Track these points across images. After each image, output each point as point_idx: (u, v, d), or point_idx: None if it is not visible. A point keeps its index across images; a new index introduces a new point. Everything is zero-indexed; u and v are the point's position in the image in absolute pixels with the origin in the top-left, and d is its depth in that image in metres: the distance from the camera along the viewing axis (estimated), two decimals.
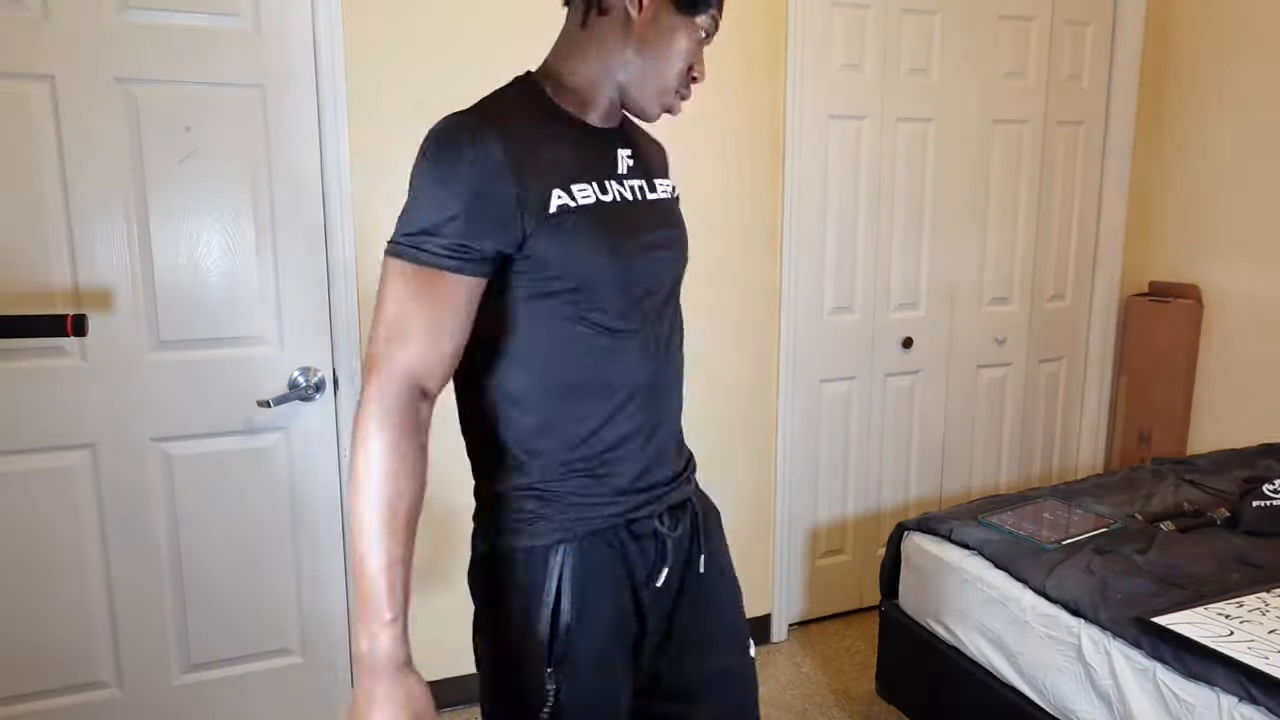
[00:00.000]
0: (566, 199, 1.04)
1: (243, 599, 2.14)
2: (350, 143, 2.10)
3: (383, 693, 0.97)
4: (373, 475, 0.97)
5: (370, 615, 0.99)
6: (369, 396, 0.98)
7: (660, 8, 1.09)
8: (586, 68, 1.12)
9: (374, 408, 0.98)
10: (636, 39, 1.09)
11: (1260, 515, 2.04)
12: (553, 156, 1.06)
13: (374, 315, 1.02)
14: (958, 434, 3.07)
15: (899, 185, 2.81)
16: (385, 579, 0.99)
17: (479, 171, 1.01)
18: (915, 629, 2.12)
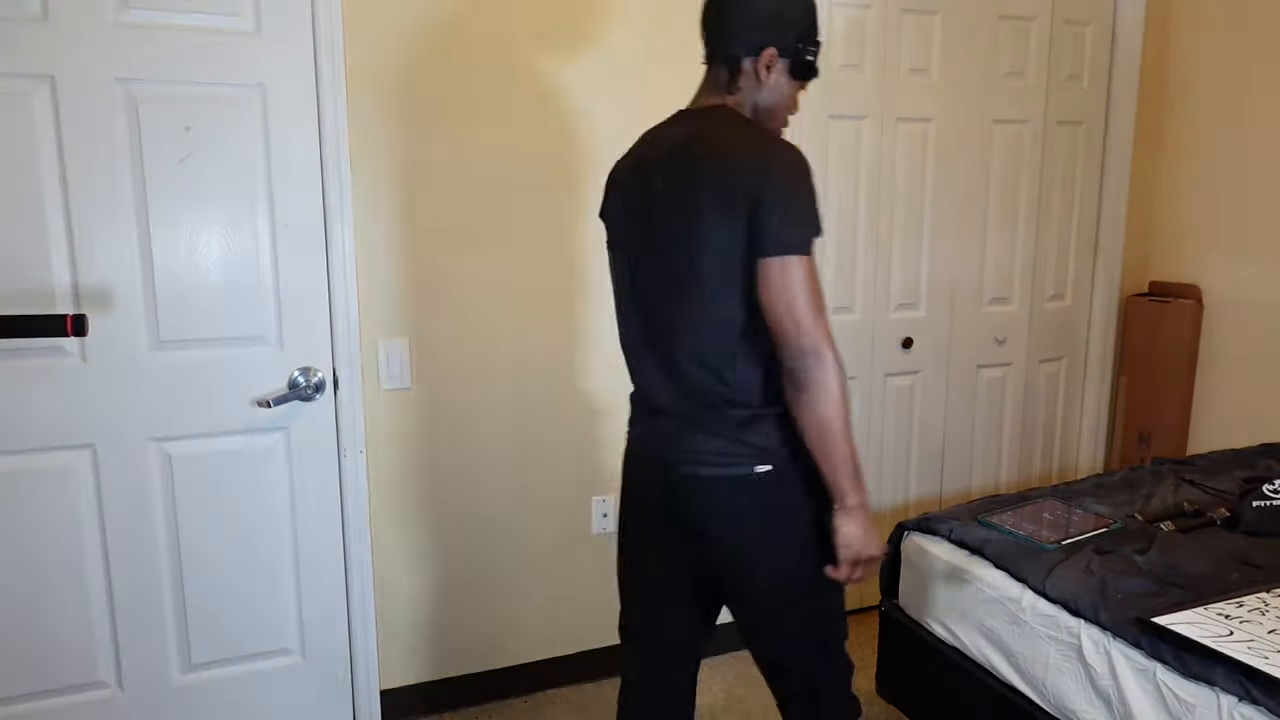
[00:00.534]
0: None
1: (243, 599, 2.14)
2: (350, 143, 2.10)
3: (869, 522, 1.41)
4: (843, 398, 1.37)
5: (859, 484, 1.40)
6: (832, 350, 1.36)
7: (780, 74, 1.50)
8: (743, 105, 1.50)
9: (836, 355, 1.37)
10: (763, 97, 1.50)
11: (1260, 515, 2.04)
12: None
13: (805, 299, 1.37)
14: (958, 434, 3.06)
15: (899, 185, 2.81)
16: (855, 460, 1.40)
17: None
18: (915, 629, 2.12)
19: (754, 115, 1.49)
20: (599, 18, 2.31)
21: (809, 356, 1.35)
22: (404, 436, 2.29)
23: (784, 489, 1.45)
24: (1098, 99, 3.06)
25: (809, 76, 1.51)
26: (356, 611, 2.27)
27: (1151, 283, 3.24)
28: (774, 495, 1.45)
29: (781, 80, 1.49)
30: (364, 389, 2.21)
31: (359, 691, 2.30)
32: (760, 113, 1.50)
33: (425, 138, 2.20)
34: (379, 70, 2.13)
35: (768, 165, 1.38)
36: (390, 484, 2.29)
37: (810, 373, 1.35)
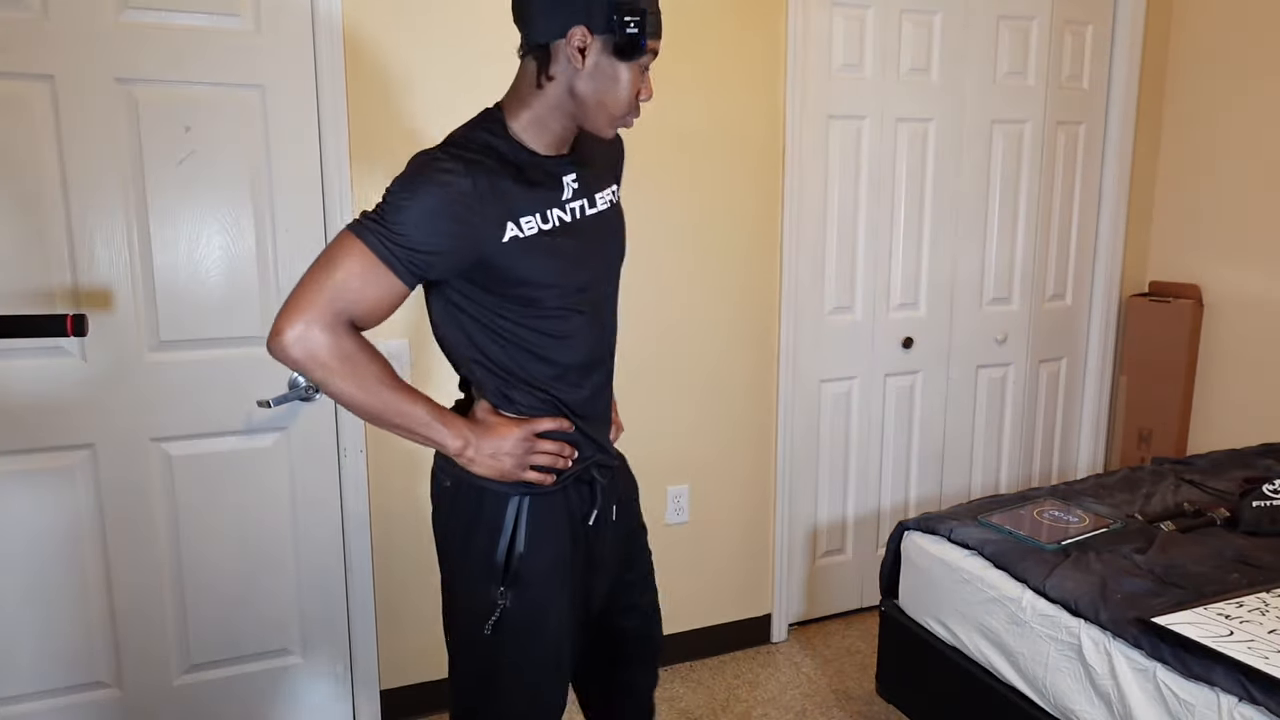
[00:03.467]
0: (515, 231, 1.26)
1: (243, 599, 2.15)
2: (350, 142, 2.10)
3: (487, 444, 1.31)
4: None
5: (441, 437, 1.30)
6: (292, 327, 1.24)
7: (599, 56, 1.25)
8: (541, 111, 1.30)
9: (295, 333, 1.26)
10: (583, 84, 1.27)
11: (1260, 515, 2.04)
12: (507, 191, 1.26)
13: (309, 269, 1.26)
14: (958, 434, 3.07)
15: (899, 185, 2.81)
16: (424, 411, 1.29)
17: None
18: (915, 629, 2.12)
19: (577, 107, 1.29)
20: None
21: (272, 329, 1.25)
22: None
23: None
24: (1098, 99, 3.07)
25: (636, 54, 1.25)
26: (356, 611, 2.27)
27: (1151, 283, 3.25)
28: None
29: (604, 63, 1.25)
30: None
31: (359, 691, 2.30)
32: (583, 104, 1.28)
33: (426, 137, 2.20)
34: (379, 70, 2.13)
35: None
36: (390, 484, 2.29)
37: (271, 349, 1.27)
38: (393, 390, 1.26)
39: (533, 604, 1.35)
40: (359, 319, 1.24)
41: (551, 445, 1.34)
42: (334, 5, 2.03)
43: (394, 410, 1.27)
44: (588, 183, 1.37)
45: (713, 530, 2.68)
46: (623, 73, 1.26)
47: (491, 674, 1.38)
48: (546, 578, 1.36)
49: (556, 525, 1.38)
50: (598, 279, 1.41)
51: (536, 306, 1.31)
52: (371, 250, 1.20)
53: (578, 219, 1.35)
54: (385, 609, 2.33)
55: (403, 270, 1.21)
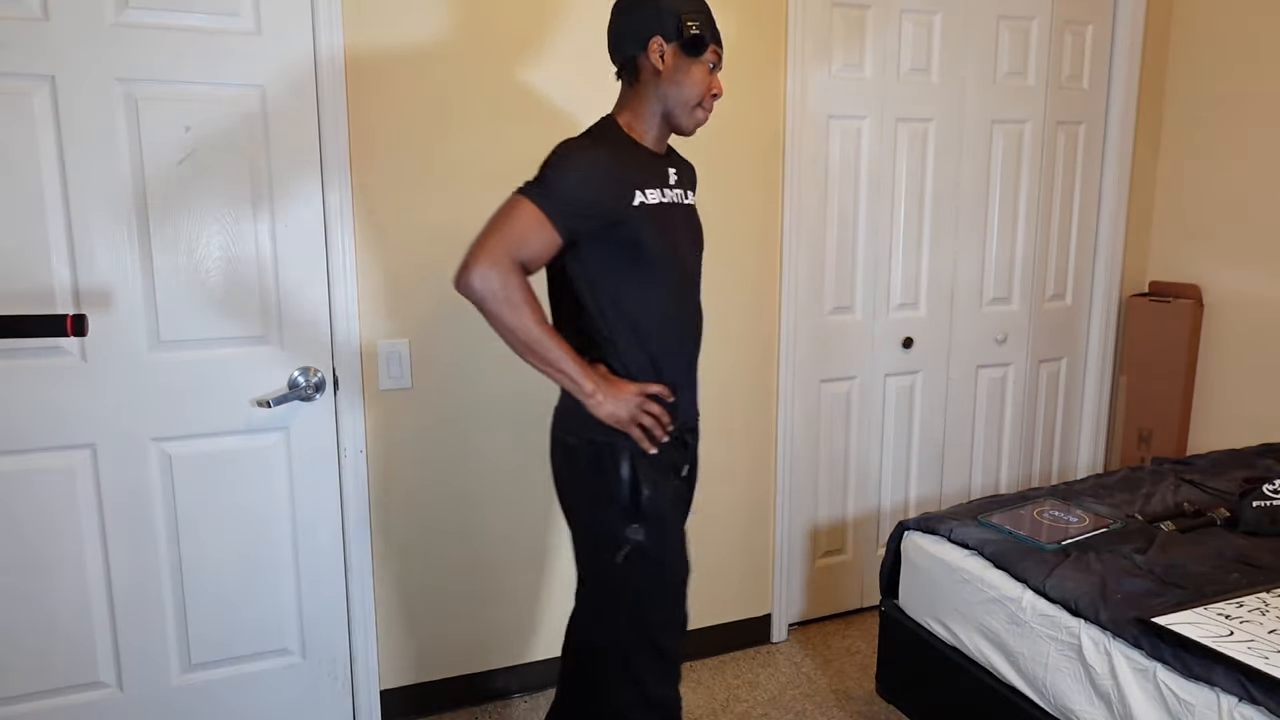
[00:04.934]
0: (642, 197, 1.56)
1: (243, 599, 2.15)
2: (350, 142, 2.10)
3: (610, 395, 1.55)
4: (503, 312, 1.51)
5: (579, 377, 1.54)
6: (482, 266, 1.51)
7: (675, 59, 1.58)
8: (641, 114, 1.63)
9: (487, 272, 1.50)
10: (666, 84, 1.60)
11: (1260, 515, 2.04)
12: (633, 165, 1.58)
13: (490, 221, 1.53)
14: (958, 434, 3.07)
15: (899, 185, 2.81)
16: (570, 358, 1.54)
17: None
18: (915, 629, 2.12)
19: (664, 106, 1.61)
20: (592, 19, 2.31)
21: (460, 268, 1.50)
22: (404, 436, 2.29)
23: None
24: (1098, 99, 3.07)
25: (700, 48, 1.57)
26: (356, 611, 2.27)
27: (1151, 283, 3.25)
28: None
29: (679, 63, 1.58)
30: (364, 389, 2.21)
31: (359, 691, 2.30)
32: (668, 103, 1.61)
33: (425, 137, 2.20)
34: (379, 70, 2.13)
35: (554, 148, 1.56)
36: (390, 484, 2.29)
37: (459, 284, 1.51)
38: (547, 330, 1.52)
39: (660, 536, 1.62)
40: (526, 264, 1.50)
41: (656, 408, 1.58)
42: (334, 5, 2.03)
43: (547, 345, 1.52)
44: (681, 180, 1.69)
45: (713, 530, 2.68)
46: (694, 70, 1.58)
47: (629, 604, 1.62)
48: (658, 517, 1.61)
49: (660, 475, 1.62)
50: (691, 259, 1.69)
51: (651, 272, 1.59)
52: (538, 207, 1.48)
53: (678, 203, 1.65)
54: (385, 609, 2.33)
55: (560, 225, 1.49)
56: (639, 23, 1.58)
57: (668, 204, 1.61)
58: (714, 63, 1.61)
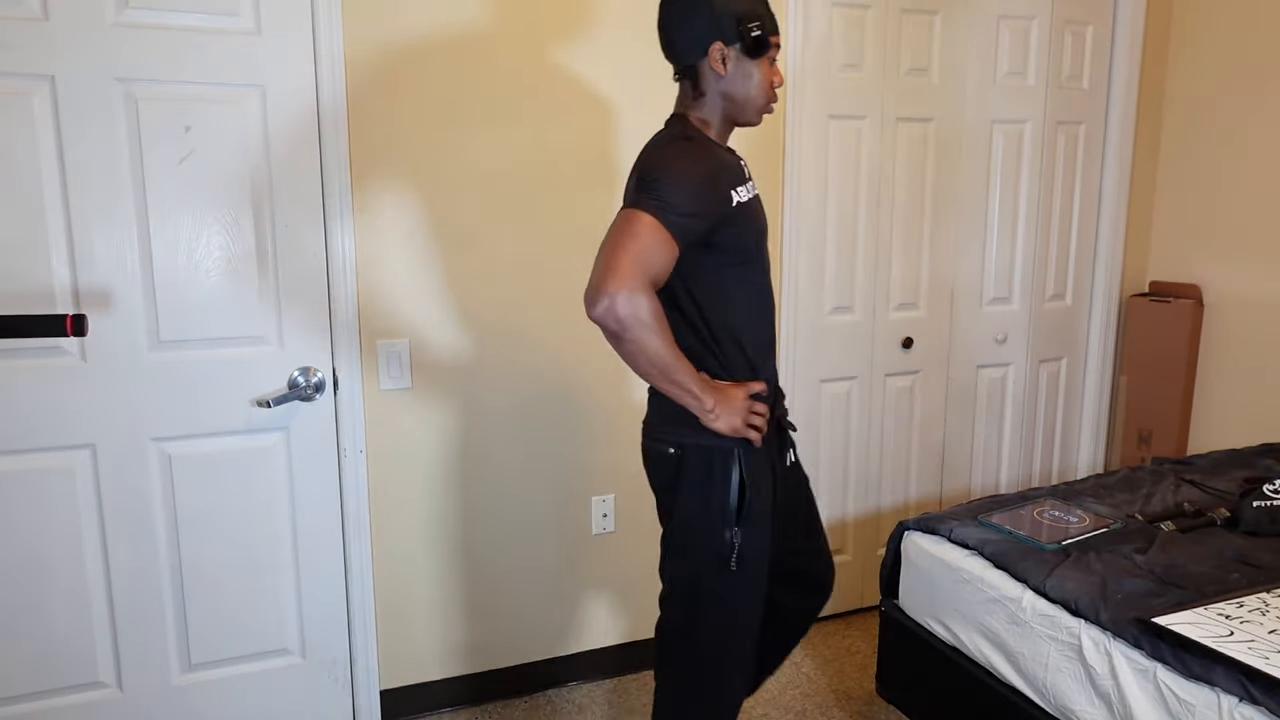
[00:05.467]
0: (738, 197, 1.56)
1: (243, 599, 2.15)
2: (350, 142, 2.10)
3: (724, 405, 1.55)
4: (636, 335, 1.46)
5: (702, 396, 1.53)
6: (616, 290, 1.43)
7: (736, 60, 1.58)
8: (707, 113, 1.63)
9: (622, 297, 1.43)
10: (729, 87, 1.60)
11: (1260, 515, 2.04)
12: (725, 165, 1.58)
13: (610, 240, 1.48)
14: (958, 434, 3.07)
15: (899, 185, 2.81)
16: (692, 375, 1.53)
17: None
18: (915, 629, 2.12)
19: (730, 106, 1.62)
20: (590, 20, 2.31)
21: (596, 293, 1.42)
22: (404, 436, 2.29)
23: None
24: (1098, 99, 3.07)
25: (763, 50, 1.58)
26: (356, 611, 2.27)
27: (1151, 283, 3.25)
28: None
29: (742, 65, 1.58)
30: (364, 389, 2.21)
31: (359, 691, 2.30)
32: (734, 102, 1.61)
33: (426, 138, 2.20)
34: (379, 70, 2.13)
35: (643, 154, 1.58)
36: (390, 484, 2.29)
37: (598, 311, 1.43)
38: (678, 351, 1.50)
39: (757, 540, 1.61)
40: (655, 281, 1.46)
41: (761, 407, 1.59)
42: (334, 5, 2.03)
43: (678, 367, 1.50)
44: (749, 173, 1.67)
45: None
46: (755, 70, 1.59)
47: (717, 613, 1.62)
48: (765, 517, 1.63)
49: (764, 472, 1.63)
50: (766, 251, 1.68)
51: (747, 271, 1.61)
52: (657, 219, 1.43)
53: (755, 197, 1.65)
54: (385, 609, 2.33)
55: (678, 235, 1.46)
56: (697, 30, 1.57)
57: (750, 200, 1.62)
58: (774, 56, 1.61)
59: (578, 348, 2.42)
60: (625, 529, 2.57)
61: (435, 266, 2.26)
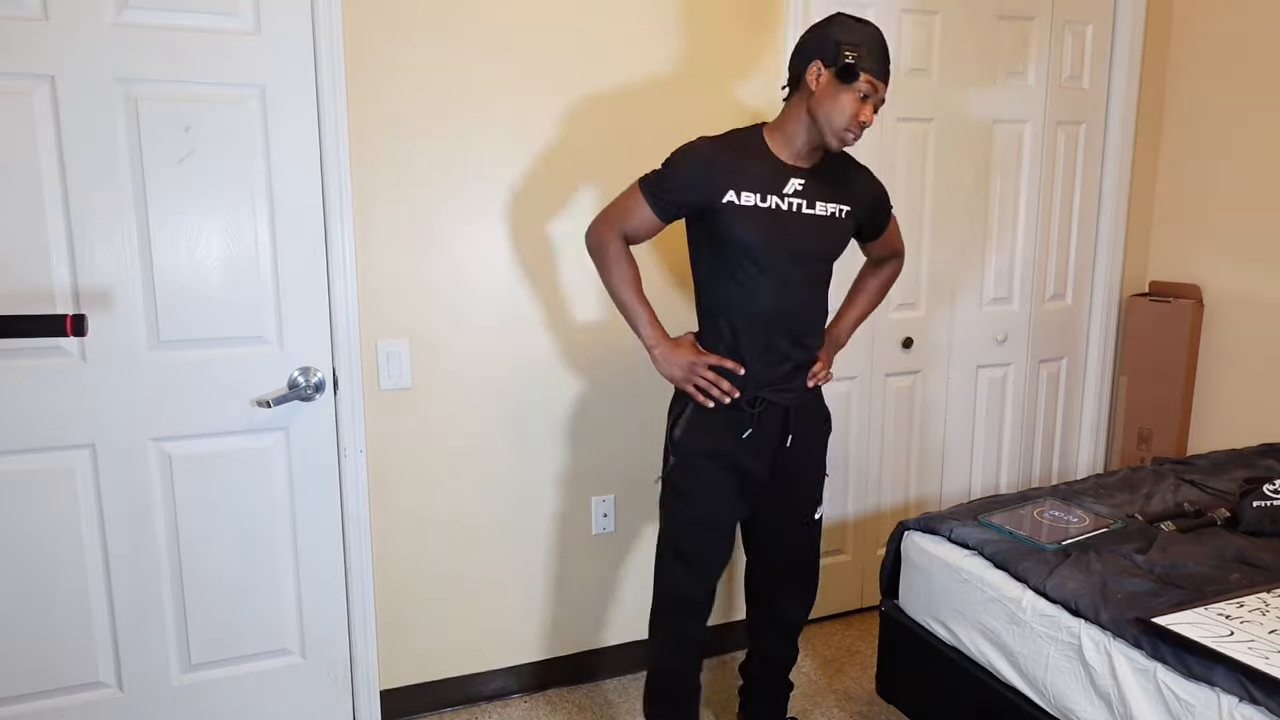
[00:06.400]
0: (734, 198, 1.81)
1: (243, 599, 2.15)
2: (350, 142, 2.10)
3: (667, 356, 1.90)
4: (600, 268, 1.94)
5: (643, 333, 1.92)
6: (596, 231, 1.95)
7: (828, 81, 1.76)
8: (788, 126, 1.85)
9: (593, 233, 1.95)
10: (815, 104, 1.78)
11: (1260, 515, 2.04)
12: (738, 169, 1.82)
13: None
14: (958, 434, 3.07)
15: (899, 185, 2.80)
16: (642, 314, 1.92)
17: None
18: (915, 629, 2.12)
19: (811, 122, 1.80)
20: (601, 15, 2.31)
21: (588, 230, 1.94)
22: (404, 436, 2.29)
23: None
24: (1098, 99, 3.06)
25: (852, 77, 1.73)
26: (356, 611, 2.27)
27: (1151, 283, 3.25)
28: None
29: (830, 86, 1.75)
30: (364, 389, 2.21)
31: (359, 691, 2.30)
32: (816, 120, 1.79)
33: (425, 137, 2.20)
34: (379, 70, 2.13)
35: None
36: (390, 484, 2.29)
37: (586, 242, 1.95)
38: (631, 289, 1.90)
39: (684, 474, 1.94)
40: (630, 234, 1.89)
41: (711, 375, 1.86)
42: (334, 5, 2.03)
43: (624, 302, 1.91)
44: (813, 191, 1.85)
45: None
46: (843, 95, 1.74)
47: (665, 516, 2.01)
48: (701, 462, 1.92)
49: (714, 429, 1.91)
50: (789, 258, 1.85)
51: (736, 258, 1.83)
52: (640, 189, 1.85)
53: (791, 210, 1.83)
54: (385, 609, 2.33)
55: (656, 203, 1.84)
56: (809, 45, 1.79)
57: (771, 209, 1.81)
58: (867, 93, 1.74)
59: (578, 348, 2.42)
60: (625, 529, 2.56)
61: (435, 266, 2.26)
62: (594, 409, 2.47)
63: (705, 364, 1.87)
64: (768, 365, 1.90)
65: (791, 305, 1.89)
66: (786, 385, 1.94)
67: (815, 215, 1.87)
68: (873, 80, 1.75)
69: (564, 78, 2.30)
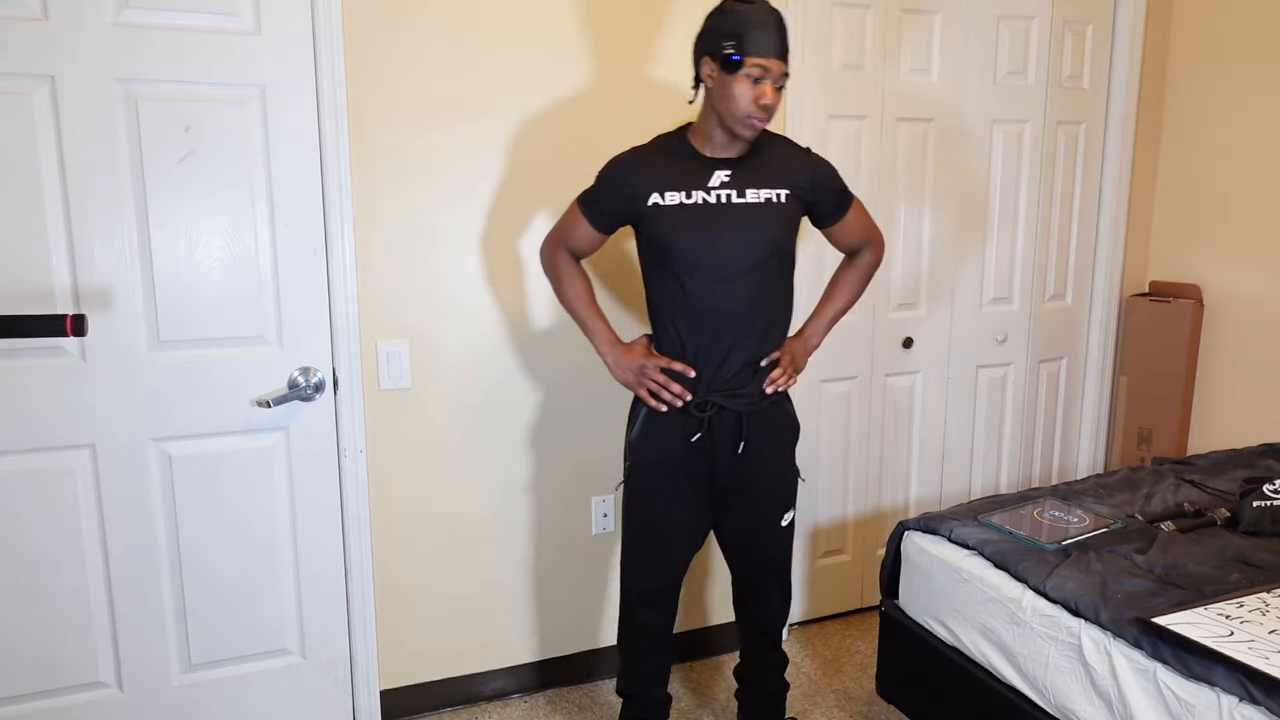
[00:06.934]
0: (659, 199, 1.82)
1: (243, 599, 2.15)
2: (350, 142, 2.10)
3: (618, 361, 1.93)
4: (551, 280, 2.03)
5: (595, 341, 1.98)
6: (543, 247, 2.05)
7: (719, 74, 1.75)
8: (701, 123, 1.86)
9: (542, 249, 2.05)
10: (714, 98, 1.79)
11: (1260, 515, 2.04)
12: (661, 170, 1.84)
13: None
14: (958, 434, 3.07)
15: (899, 186, 2.81)
16: (593, 325, 1.97)
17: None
18: (915, 629, 2.12)
19: (718, 115, 1.80)
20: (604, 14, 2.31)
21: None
22: (404, 436, 2.29)
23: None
24: (1098, 99, 3.07)
25: (732, 67, 1.71)
26: (356, 611, 2.27)
27: (1151, 283, 3.25)
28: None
29: (720, 79, 1.75)
30: (364, 389, 2.21)
31: (359, 691, 2.30)
32: (719, 111, 1.79)
33: (425, 137, 2.20)
34: (379, 70, 2.13)
35: None
36: (390, 484, 2.29)
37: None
38: (582, 301, 1.97)
39: (640, 479, 1.96)
40: (575, 249, 1.96)
41: (661, 378, 1.86)
42: (334, 5, 2.03)
43: (576, 314, 1.98)
44: (742, 180, 1.83)
45: None
46: (734, 84, 1.72)
47: (624, 517, 2.04)
48: (654, 465, 1.94)
49: (667, 434, 1.91)
50: (725, 251, 1.82)
51: (670, 259, 1.83)
52: (578, 205, 1.92)
53: (720, 203, 1.82)
54: (385, 609, 2.33)
55: (591, 217, 1.90)
56: (699, 44, 1.80)
57: (698, 205, 1.81)
58: (759, 75, 1.71)
59: (578, 348, 2.42)
60: None
61: (435, 266, 2.26)
62: (594, 409, 2.47)
63: (656, 366, 1.87)
64: (715, 367, 1.87)
65: (735, 302, 1.84)
66: (740, 390, 1.89)
67: (747, 204, 1.83)
68: (760, 62, 1.70)
69: (566, 78, 2.30)
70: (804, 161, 1.92)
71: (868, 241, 2.06)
